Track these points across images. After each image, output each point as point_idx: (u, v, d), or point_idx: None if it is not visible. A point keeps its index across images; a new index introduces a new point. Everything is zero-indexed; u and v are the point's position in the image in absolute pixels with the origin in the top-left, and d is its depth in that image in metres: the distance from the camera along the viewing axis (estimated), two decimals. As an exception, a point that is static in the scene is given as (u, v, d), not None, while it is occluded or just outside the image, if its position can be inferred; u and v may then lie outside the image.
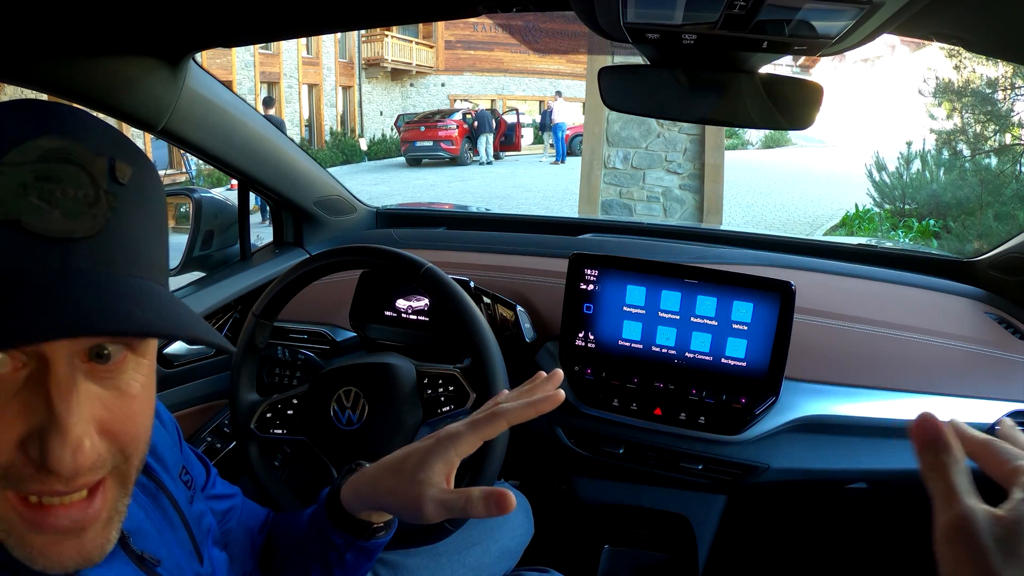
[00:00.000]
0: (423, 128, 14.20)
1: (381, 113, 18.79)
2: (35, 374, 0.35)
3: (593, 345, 1.07)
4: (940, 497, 0.35)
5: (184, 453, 0.62)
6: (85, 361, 0.36)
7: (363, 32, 17.15)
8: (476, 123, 14.27)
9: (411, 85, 19.97)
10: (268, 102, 11.43)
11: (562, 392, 0.54)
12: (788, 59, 0.73)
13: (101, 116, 0.43)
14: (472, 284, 1.11)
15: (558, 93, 14.80)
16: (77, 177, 0.34)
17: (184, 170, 11.67)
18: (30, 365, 0.35)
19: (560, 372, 0.58)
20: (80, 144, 0.35)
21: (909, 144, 6.62)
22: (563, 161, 13.40)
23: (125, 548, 0.46)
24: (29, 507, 0.36)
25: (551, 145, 14.21)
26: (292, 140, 1.26)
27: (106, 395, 0.37)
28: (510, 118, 16.00)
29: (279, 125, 10.55)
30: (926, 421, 0.37)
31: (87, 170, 0.35)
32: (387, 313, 1.16)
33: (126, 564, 0.45)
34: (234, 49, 7.22)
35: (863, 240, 5.31)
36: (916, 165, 6.56)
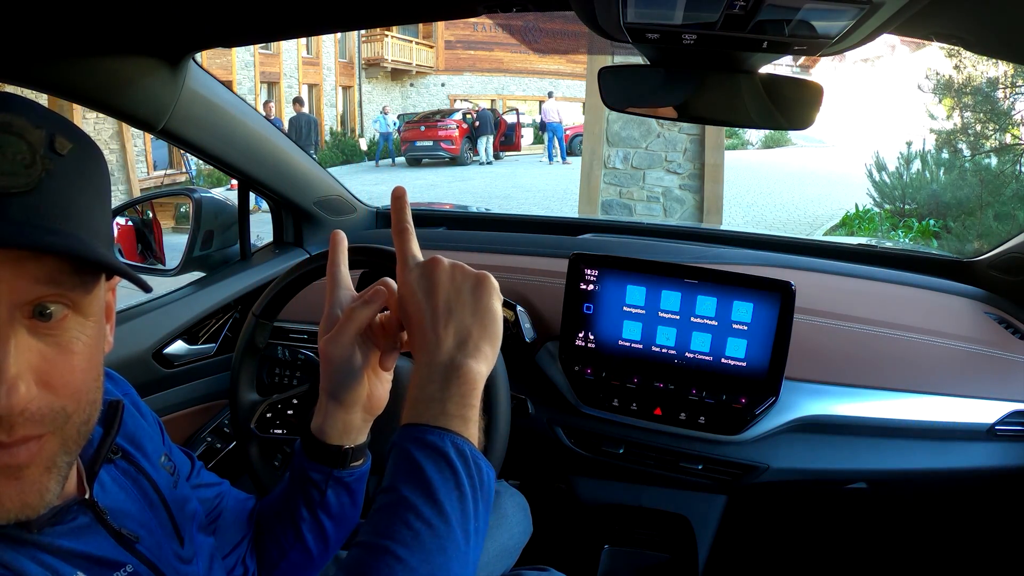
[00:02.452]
0: (423, 128, 14.19)
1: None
2: None
3: (593, 345, 1.07)
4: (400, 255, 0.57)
5: (167, 444, 0.63)
6: (28, 317, 0.38)
7: (363, 32, 17.15)
8: (477, 123, 14.26)
9: (411, 85, 19.97)
10: (299, 101, 11.50)
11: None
12: (788, 59, 0.73)
13: (101, 116, 0.45)
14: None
15: (549, 94, 14.76)
16: (15, 144, 0.37)
17: (184, 170, 11.67)
18: None
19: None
20: (21, 118, 0.38)
21: (909, 144, 6.62)
22: (565, 161, 13.33)
23: (104, 524, 0.47)
24: None
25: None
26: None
27: (47, 350, 0.39)
28: (510, 118, 15.99)
29: (310, 124, 10.55)
30: (399, 196, 0.60)
31: (25, 139, 0.38)
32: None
33: (105, 539, 0.47)
34: (234, 49, 7.23)
35: (863, 240, 5.32)
36: (916, 165, 6.56)
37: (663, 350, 1.04)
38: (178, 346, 1.16)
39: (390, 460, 0.47)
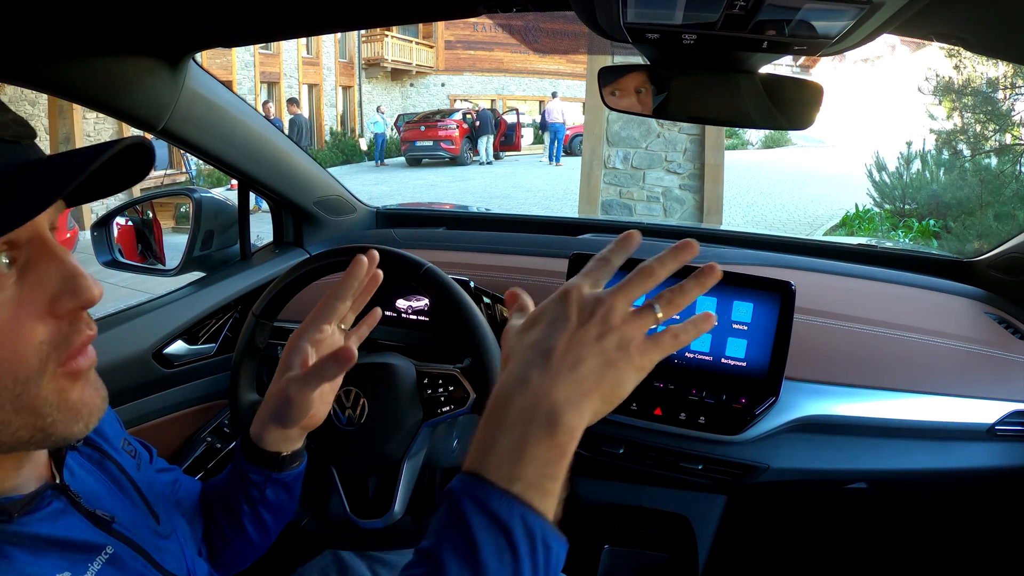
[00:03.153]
0: (423, 128, 14.19)
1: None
2: (28, 260, 0.42)
3: (593, 345, 1.07)
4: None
5: (123, 431, 0.65)
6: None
7: (363, 32, 17.15)
8: (477, 123, 14.25)
9: (411, 85, 19.97)
10: (293, 101, 11.54)
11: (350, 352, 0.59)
12: (788, 59, 0.73)
13: (101, 116, 0.50)
14: (472, 284, 1.11)
15: (553, 94, 14.75)
16: (2, 106, 0.42)
17: (184, 170, 11.67)
18: (20, 256, 0.42)
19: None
20: None
21: (909, 144, 6.62)
22: (559, 163, 13.32)
23: (77, 507, 0.48)
24: (65, 366, 0.43)
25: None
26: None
27: None
28: (510, 118, 15.98)
29: (303, 125, 10.55)
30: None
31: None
32: (387, 313, 1.16)
33: (81, 521, 0.48)
34: (234, 49, 7.23)
35: (863, 240, 5.32)
36: (916, 165, 6.56)
37: (663, 350, 1.04)
38: (178, 346, 1.16)
39: (441, 511, 0.40)
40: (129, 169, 0.48)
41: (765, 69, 0.76)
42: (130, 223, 1.35)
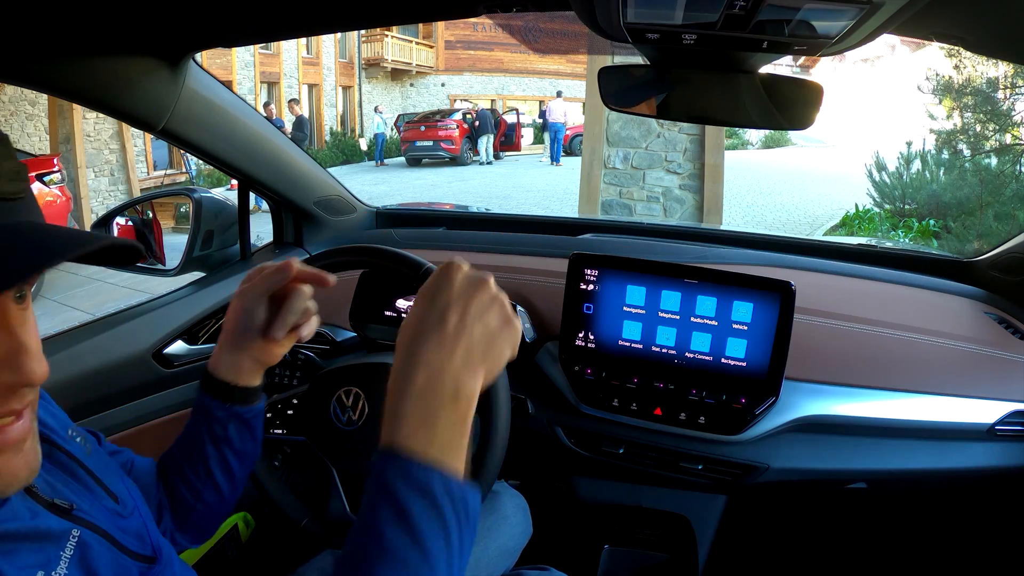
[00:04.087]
0: (423, 128, 14.18)
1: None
2: None
3: (593, 345, 1.07)
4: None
5: (69, 422, 0.65)
6: (13, 301, 0.43)
7: (363, 32, 17.15)
8: (477, 123, 14.24)
9: (411, 85, 19.97)
10: (295, 102, 11.56)
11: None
12: (788, 59, 0.73)
13: (101, 116, 0.49)
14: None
15: (558, 93, 14.75)
16: (5, 151, 0.41)
17: (184, 170, 11.67)
18: None
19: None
20: None
21: (909, 144, 6.62)
22: (558, 163, 13.32)
23: (36, 498, 0.48)
24: None
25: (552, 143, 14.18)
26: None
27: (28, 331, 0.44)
28: (510, 118, 15.98)
29: (303, 124, 10.58)
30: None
31: (7, 145, 0.42)
32: (387, 313, 1.16)
33: (41, 511, 0.48)
34: (234, 49, 7.24)
35: (863, 240, 5.32)
36: (916, 165, 6.55)
37: (663, 350, 1.04)
38: (178, 346, 1.16)
39: (369, 486, 0.44)
40: (112, 255, 0.46)
41: (765, 69, 0.77)
42: (130, 223, 1.35)
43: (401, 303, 1.16)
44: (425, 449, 0.43)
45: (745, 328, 1.00)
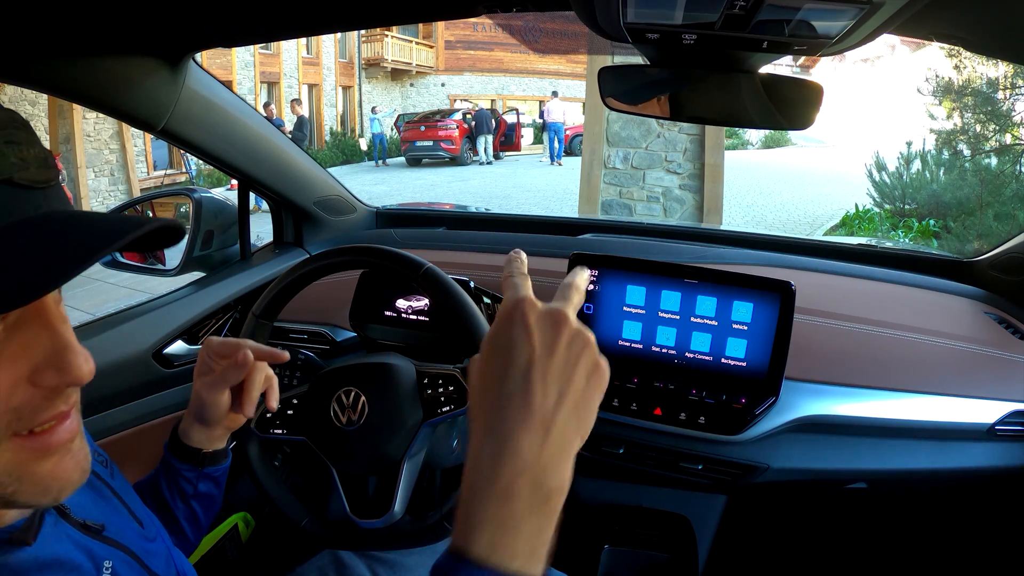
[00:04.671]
0: (423, 128, 14.18)
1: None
2: (18, 321, 0.38)
3: (593, 345, 1.07)
4: (509, 291, 0.43)
5: (92, 442, 0.65)
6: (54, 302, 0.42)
7: (363, 32, 17.15)
8: (474, 123, 14.25)
9: (411, 85, 19.96)
10: (297, 102, 11.58)
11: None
12: (788, 59, 0.73)
13: (101, 116, 0.48)
14: (472, 284, 1.11)
15: (554, 93, 14.74)
16: (31, 137, 0.39)
17: (184, 170, 11.67)
18: (10, 316, 0.38)
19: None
20: (13, 111, 0.40)
21: (909, 144, 6.62)
22: (558, 162, 13.32)
23: (67, 519, 0.48)
24: (33, 438, 0.40)
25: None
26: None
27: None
28: (510, 118, 15.98)
29: (304, 124, 10.61)
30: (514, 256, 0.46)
31: (32, 131, 0.40)
32: (387, 313, 1.16)
33: (74, 532, 0.48)
34: (234, 49, 7.23)
35: (863, 240, 5.32)
36: (916, 165, 6.55)
37: (663, 350, 1.04)
38: (178, 346, 1.16)
39: None
40: (155, 238, 0.45)
41: (765, 69, 0.76)
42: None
43: (401, 303, 1.16)
44: (509, 562, 0.36)
45: (745, 328, 1.00)
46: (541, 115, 14.85)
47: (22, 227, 0.36)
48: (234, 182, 1.26)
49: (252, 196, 1.30)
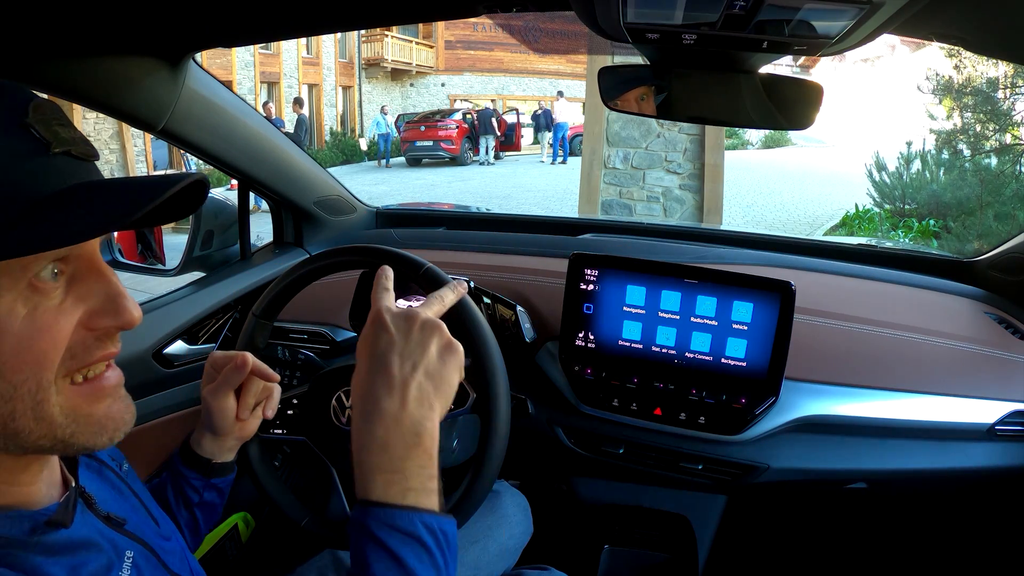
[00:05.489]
0: (423, 128, 14.19)
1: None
2: (78, 276, 0.43)
3: (593, 345, 1.07)
4: (374, 303, 0.54)
5: None
6: None
7: (363, 32, 17.15)
8: (478, 123, 14.25)
9: (411, 85, 19.97)
10: (299, 102, 11.60)
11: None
12: (788, 59, 0.73)
13: (101, 116, 0.50)
14: (472, 284, 1.11)
15: (559, 93, 14.76)
16: (67, 119, 0.44)
17: (184, 170, 11.67)
18: (69, 270, 0.43)
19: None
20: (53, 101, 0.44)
21: (909, 144, 6.62)
22: (564, 161, 13.35)
23: (93, 509, 0.50)
24: (87, 384, 0.45)
25: (549, 144, 14.23)
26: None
27: None
28: (510, 118, 15.98)
29: (301, 125, 10.62)
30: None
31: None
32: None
33: (97, 522, 0.50)
34: (234, 49, 7.23)
35: (863, 240, 5.32)
36: (916, 165, 6.56)
37: (663, 350, 1.04)
38: (178, 346, 1.16)
39: (358, 543, 0.47)
40: (184, 201, 0.49)
41: (765, 69, 0.76)
42: (130, 223, 1.35)
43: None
44: (402, 498, 0.47)
45: (745, 328, 1.00)
46: (535, 117, 14.84)
47: (81, 188, 0.42)
48: (234, 182, 1.26)
49: (252, 196, 1.30)
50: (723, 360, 1.01)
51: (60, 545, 0.44)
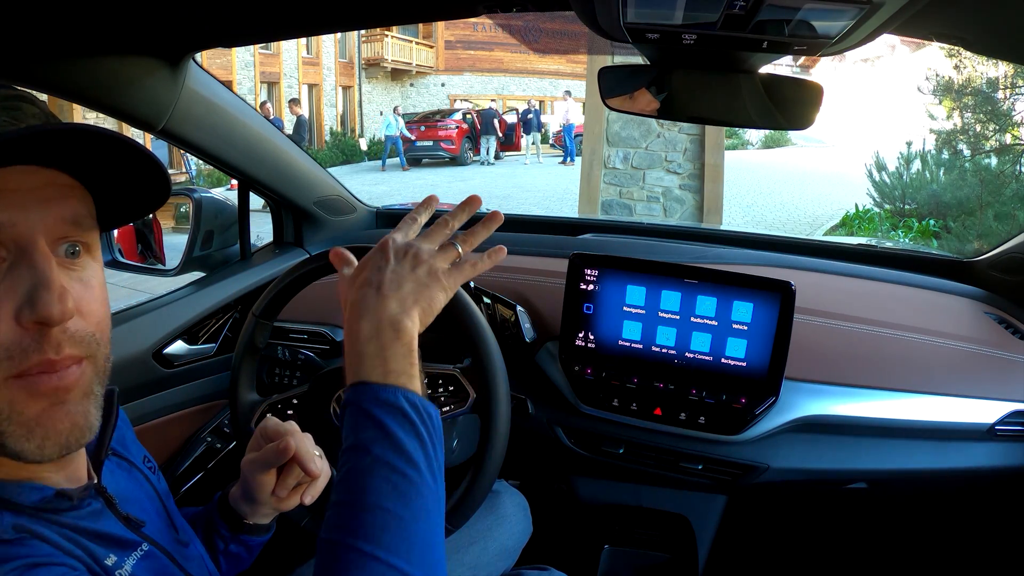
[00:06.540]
0: (423, 128, 14.19)
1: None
2: (15, 263, 0.41)
3: (593, 345, 1.07)
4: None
5: (143, 449, 0.67)
6: (57, 255, 0.43)
7: (363, 32, 17.14)
8: (480, 123, 14.25)
9: (411, 85, 19.97)
10: (295, 102, 11.58)
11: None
12: (788, 59, 0.73)
13: (101, 116, 0.52)
14: (472, 284, 1.11)
15: (567, 92, 14.74)
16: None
17: (184, 170, 11.67)
18: (10, 258, 0.41)
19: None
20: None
21: (909, 144, 6.62)
22: (572, 162, 13.33)
23: (113, 510, 0.50)
24: (25, 378, 0.41)
25: (533, 144, 14.34)
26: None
27: (74, 285, 0.44)
28: (510, 118, 15.99)
29: (301, 125, 10.58)
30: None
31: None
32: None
33: (116, 523, 0.50)
34: (234, 49, 7.23)
35: (863, 240, 5.32)
36: (916, 165, 6.55)
37: (663, 350, 1.04)
38: (178, 346, 1.16)
39: (348, 418, 0.50)
40: (144, 196, 0.49)
41: (765, 69, 0.76)
42: (130, 223, 1.35)
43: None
44: (385, 377, 0.51)
45: (745, 328, 1.00)
46: (523, 115, 14.82)
47: None
48: (234, 182, 1.26)
49: (252, 196, 1.30)
50: (723, 360, 1.01)
51: (71, 524, 0.45)
